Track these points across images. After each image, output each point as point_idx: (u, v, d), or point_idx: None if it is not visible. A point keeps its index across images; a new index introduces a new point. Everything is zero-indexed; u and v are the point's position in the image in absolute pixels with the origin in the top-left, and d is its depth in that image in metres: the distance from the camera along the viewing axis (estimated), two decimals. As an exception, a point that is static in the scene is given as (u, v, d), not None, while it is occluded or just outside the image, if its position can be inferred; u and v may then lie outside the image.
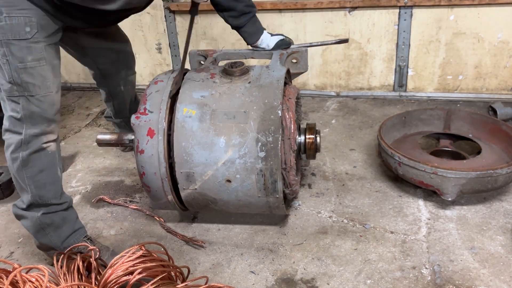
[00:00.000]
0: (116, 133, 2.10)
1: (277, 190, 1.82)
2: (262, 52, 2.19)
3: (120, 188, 2.55)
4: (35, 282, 1.42)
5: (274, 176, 1.79)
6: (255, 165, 1.78)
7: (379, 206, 2.22)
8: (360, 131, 2.95)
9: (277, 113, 1.78)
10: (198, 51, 2.24)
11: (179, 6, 3.47)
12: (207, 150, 1.79)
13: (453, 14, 3.01)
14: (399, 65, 3.24)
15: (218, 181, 1.82)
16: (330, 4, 3.15)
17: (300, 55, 2.15)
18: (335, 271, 1.85)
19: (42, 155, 1.82)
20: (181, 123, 1.82)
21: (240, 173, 1.80)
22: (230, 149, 1.78)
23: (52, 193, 1.86)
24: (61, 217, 1.91)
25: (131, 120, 1.87)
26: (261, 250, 2.00)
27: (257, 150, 1.77)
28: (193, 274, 1.88)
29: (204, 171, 1.81)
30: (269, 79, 1.89)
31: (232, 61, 1.97)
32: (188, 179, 1.84)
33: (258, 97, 1.83)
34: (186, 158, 1.81)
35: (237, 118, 1.79)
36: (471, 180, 2.02)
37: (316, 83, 3.51)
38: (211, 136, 1.79)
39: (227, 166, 1.79)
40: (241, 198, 1.87)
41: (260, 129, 1.77)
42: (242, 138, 1.78)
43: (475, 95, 3.21)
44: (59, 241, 1.91)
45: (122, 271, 1.53)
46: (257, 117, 1.79)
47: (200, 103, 1.84)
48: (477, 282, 1.75)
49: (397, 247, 1.95)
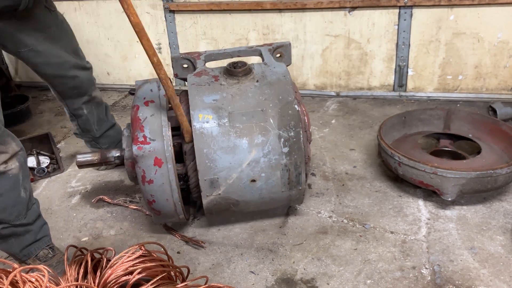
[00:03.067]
0: (98, 152, 2.03)
1: (300, 182, 1.86)
2: (249, 50, 2.17)
3: (120, 188, 2.55)
4: (35, 282, 1.41)
5: (298, 169, 1.83)
6: (279, 161, 1.80)
7: (379, 206, 2.22)
8: (360, 131, 2.95)
9: (294, 107, 1.82)
10: (181, 55, 2.13)
11: (179, 6, 3.47)
12: (230, 153, 1.78)
13: (453, 14, 3.01)
14: (399, 65, 3.24)
15: (243, 183, 1.82)
16: (330, 4, 3.15)
17: (284, 49, 2.14)
18: (335, 271, 1.85)
19: (2, 178, 1.70)
20: (199, 130, 1.78)
21: (265, 171, 1.81)
22: (253, 149, 1.78)
23: (14, 216, 1.76)
24: (23, 229, 1.82)
25: (133, 150, 1.78)
26: (261, 250, 2.00)
27: (281, 146, 1.79)
28: (193, 274, 1.87)
29: (228, 175, 1.80)
30: (275, 76, 1.91)
31: (233, 62, 1.97)
32: (212, 186, 1.82)
33: (271, 94, 1.84)
34: (210, 164, 1.78)
35: (256, 118, 1.80)
36: (471, 180, 2.02)
37: (316, 83, 3.51)
38: (232, 139, 1.78)
39: (252, 167, 1.80)
40: (264, 196, 1.88)
41: (280, 125, 1.80)
42: (264, 136, 1.79)
43: (475, 95, 3.21)
44: (18, 249, 1.84)
45: (122, 271, 1.53)
46: (275, 114, 1.80)
47: (214, 107, 1.82)
48: (477, 282, 1.74)
49: (397, 247, 1.95)
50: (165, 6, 3.49)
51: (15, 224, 1.78)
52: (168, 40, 3.65)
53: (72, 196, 2.51)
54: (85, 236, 2.18)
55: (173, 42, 3.65)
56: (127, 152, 1.92)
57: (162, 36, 3.65)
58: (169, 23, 3.57)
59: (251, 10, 3.34)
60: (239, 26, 3.42)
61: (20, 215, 1.79)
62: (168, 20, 3.56)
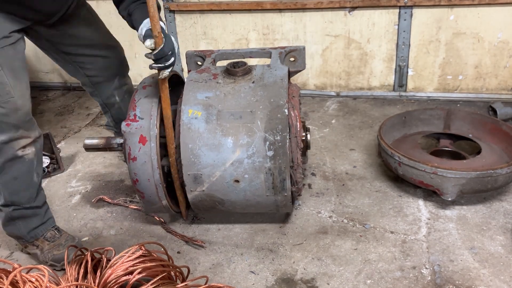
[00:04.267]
0: (104, 138, 2.09)
1: (285, 188, 1.83)
2: (260, 52, 2.18)
3: (120, 188, 2.55)
4: (35, 282, 1.42)
5: (282, 174, 1.80)
6: (263, 164, 1.79)
7: (379, 206, 2.22)
8: (360, 131, 2.95)
9: (283, 112, 1.79)
10: (195, 52, 2.20)
11: (179, 6, 3.46)
12: (214, 151, 1.79)
13: (453, 14, 3.01)
14: (399, 65, 3.24)
15: (226, 182, 1.83)
16: (330, 4, 3.15)
17: (298, 53, 2.14)
18: (335, 271, 1.85)
19: (18, 162, 1.81)
20: (187, 125, 1.81)
21: (249, 173, 1.80)
22: (238, 149, 1.78)
23: (25, 199, 1.89)
24: (32, 211, 1.94)
25: (121, 127, 1.85)
26: (261, 250, 2.00)
27: (265, 149, 1.78)
28: (193, 274, 1.88)
29: (212, 172, 1.81)
30: (272, 78, 1.90)
31: (234, 61, 1.97)
32: (196, 181, 1.84)
33: (263, 96, 1.83)
34: (194, 160, 1.80)
35: (244, 118, 1.80)
36: (471, 180, 2.02)
37: (316, 83, 3.50)
38: (218, 137, 1.79)
39: (235, 167, 1.79)
40: (249, 197, 1.87)
41: (267, 128, 1.78)
42: (250, 138, 1.78)
43: (475, 95, 3.20)
44: (26, 231, 1.96)
45: (122, 271, 1.53)
46: (264, 116, 1.79)
47: (205, 104, 1.83)
48: (477, 282, 1.74)
49: (397, 247, 1.95)
50: (165, 6, 3.49)
51: (26, 206, 1.91)
52: (168, 40, 3.65)
53: (72, 196, 2.51)
54: (85, 236, 2.18)
55: (173, 42, 3.64)
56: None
57: (162, 36, 3.64)
58: (169, 23, 3.57)
59: (251, 10, 3.34)
60: (239, 26, 3.42)
61: (31, 199, 1.91)
62: (168, 20, 3.56)
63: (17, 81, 1.76)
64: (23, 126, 1.79)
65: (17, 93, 1.75)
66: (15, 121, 1.75)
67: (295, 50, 2.14)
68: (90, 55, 2.19)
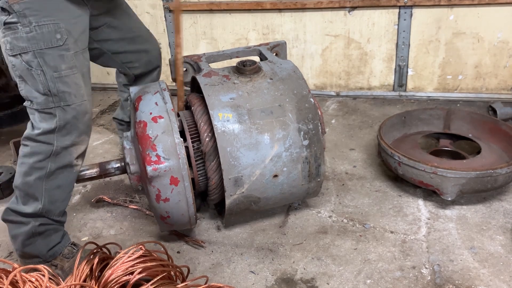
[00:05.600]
0: (97, 164, 2.02)
1: (319, 174, 1.91)
2: (247, 50, 2.19)
3: (120, 188, 2.55)
4: (35, 282, 1.42)
5: (318, 161, 1.86)
6: (300, 154, 1.83)
7: (379, 205, 2.22)
8: (360, 131, 2.95)
9: (310, 101, 1.86)
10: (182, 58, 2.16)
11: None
12: (253, 150, 1.79)
13: (453, 14, 3.01)
14: (399, 65, 3.24)
15: (266, 179, 1.84)
16: (330, 4, 3.15)
17: (280, 48, 2.20)
18: (334, 271, 1.85)
19: (68, 171, 1.80)
20: (221, 129, 1.78)
21: (287, 165, 1.83)
22: (275, 144, 1.80)
23: (59, 211, 1.85)
24: (55, 227, 1.88)
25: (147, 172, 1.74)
26: (261, 250, 2.00)
27: (301, 139, 1.82)
28: (193, 274, 1.88)
29: (252, 172, 1.81)
30: (285, 72, 1.94)
31: (242, 60, 1.98)
32: (236, 184, 1.82)
33: (285, 89, 1.87)
34: (234, 162, 1.78)
35: (274, 113, 1.82)
36: (471, 180, 2.02)
37: (316, 82, 3.51)
38: (254, 135, 1.80)
39: (274, 162, 1.82)
40: (285, 190, 1.90)
41: (299, 119, 1.82)
42: (285, 130, 1.81)
43: (475, 95, 3.21)
44: (46, 250, 1.87)
45: (122, 271, 1.53)
46: (293, 108, 1.83)
47: (232, 105, 1.82)
48: (477, 282, 1.75)
49: (397, 247, 1.95)
50: (165, 6, 3.49)
51: (55, 219, 1.85)
52: (168, 40, 3.65)
53: (72, 196, 2.50)
54: (85, 235, 2.18)
55: (173, 42, 3.64)
56: (132, 167, 1.89)
57: (162, 36, 3.64)
58: (169, 23, 3.57)
59: (251, 10, 3.34)
60: (239, 26, 3.42)
61: (62, 212, 1.87)
62: (168, 20, 3.56)
63: (86, 86, 1.79)
64: (86, 131, 1.80)
65: (87, 97, 1.77)
66: (82, 125, 1.76)
67: (278, 45, 2.20)
68: (135, 51, 2.22)
